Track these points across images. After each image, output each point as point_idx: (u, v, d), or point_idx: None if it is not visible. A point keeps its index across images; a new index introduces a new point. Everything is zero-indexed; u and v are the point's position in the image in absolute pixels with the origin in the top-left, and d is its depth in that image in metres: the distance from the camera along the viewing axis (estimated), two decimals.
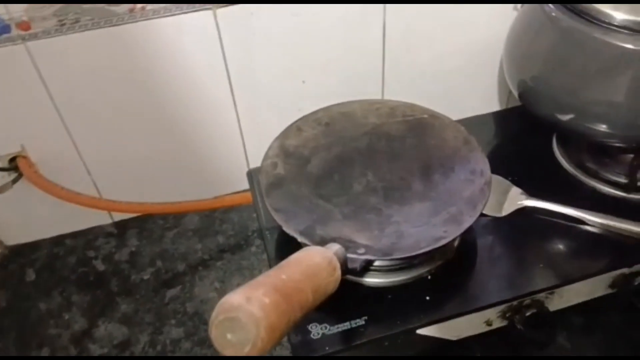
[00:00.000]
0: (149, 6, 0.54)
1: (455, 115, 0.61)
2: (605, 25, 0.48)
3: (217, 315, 0.28)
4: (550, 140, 0.63)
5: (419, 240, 0.47)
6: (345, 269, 0.42)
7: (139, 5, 0.54)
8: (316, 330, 0.46)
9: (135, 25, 0.55)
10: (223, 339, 0.28)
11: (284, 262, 0.33)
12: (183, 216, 0.73)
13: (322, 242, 0.47)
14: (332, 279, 0.34)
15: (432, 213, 0.50)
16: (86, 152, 0.65)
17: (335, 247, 0.40)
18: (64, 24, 0.53)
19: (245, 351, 0.27)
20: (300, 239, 0.47)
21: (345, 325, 0.47)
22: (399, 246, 0.47)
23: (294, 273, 0.31)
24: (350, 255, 0.44)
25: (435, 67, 0.69)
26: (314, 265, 0.33)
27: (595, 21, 0.49)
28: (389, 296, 0.49)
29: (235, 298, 0.28)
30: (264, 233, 0.57)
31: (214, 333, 0.28)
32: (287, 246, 0.50)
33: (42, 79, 0.57)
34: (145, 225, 0.73)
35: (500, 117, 0.68)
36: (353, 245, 0.47)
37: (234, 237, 0.71)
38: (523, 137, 0.65)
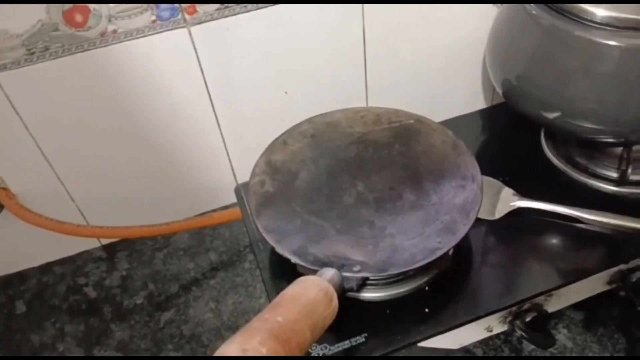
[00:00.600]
0: (121, 29, 0.52)
1: (440, 116, 0.60)
2: (587, 22, 0.47)
3: None
4: (539, 136, 0.62)
5: (414, 254, 0.46)
6: (342, 291, 0.41)
7: (109, 29, 0.52)
8: (316, 352, 0.46)
9: (108, 49, 0.53)
10: None
11: (278, 300, 0.32)
12: (172, 235, 0.72)
13: (316, 261, 0.46)
14: (329, 311, 0.34)
15: (426, 223, 0.49)
16: (68, 179, 0.63)
17: (330, 272, 0.39)
18: (33, 53, 0.51)
19: None
20: (293, 259, 0.46)
21: (346, 344, 0.46)
22: (394, 261, 0.46)
23: (291, 313, 0.30)
24: (345, 274, 0.43)
25: (417, 69, 0.68)
26: (311, 300, 0.32)
27: (576, 19, 0.48)
28: (388, 310, 0.48)
29: (230, 350, 0.27)
30: (254, 244, 0.56)
31: None
32: (281, 261, 0.49)
33: (16, 110, 0.55)
34: (134, 246, 0.72)
35: (487, 115, 0.68)
36: (348, 262, 0.46)
37: (225, 253, 0.69)
38: (511, 134, 0.64)
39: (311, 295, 0.33)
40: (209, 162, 0.69)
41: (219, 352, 0.27)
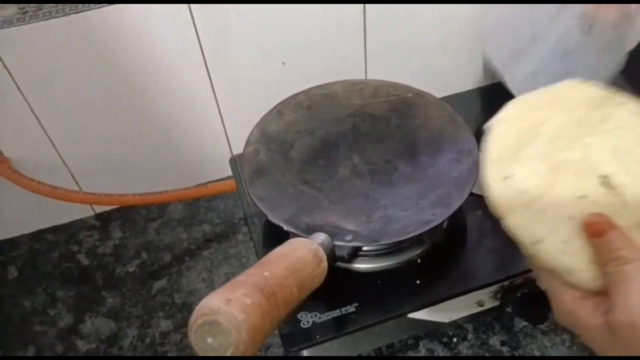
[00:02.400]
0: None
1: (440, 92, 0.59)
2: None
3: (195, 319, 0.26)
4: None
5: (407, 225, 0.46)
6: (333, 258, 0.41)
7: None
8: (306, 319, 0.46)
9: (103, 10, 0.52)
10: (204, 343, 0.26)
11: (266, 258, 0.32)
12: (167, 206, 0.72)
13: (309, 230, 0.46)
14: (318, 272, 0.33)
15: (420, 196, 0.49)
16: (62, 144, 0.63)
17: (321, 237, 0.38)
18: (26, 12, 0.51)
19: (228, 355, 0.26)
20: (286, 227, 0.46)
21: (336, 313, 0.46)
22: (386, 231, 0.46)
23: (278, 269, 0.30)
24: (337, 243, 0.43)
25: (418, 43, 0.66)
26: (299, 259, 0.32)
27: None
28: (379, 281, 0.48)
29: (214, 300, 0.26)
30: (249, 219, 0.55)
31: (193, 338, 0.27)
32: (275, 233, 0.48)
33: (9, 71, 0.54)
34: (128, 216, 0.71)
35: (487, 93, 0.67)
36: (340, 232, 0.46)
37: (220, 225, 0.69)
38: None
39: (300, 255, 0.32)
40: (204, 133, 0.68)
41: (203, 303, 0.27)
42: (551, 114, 0.33)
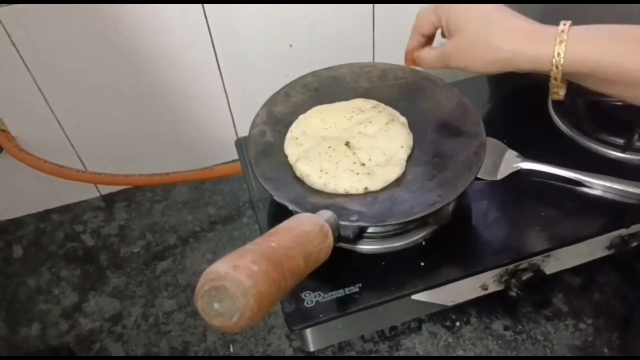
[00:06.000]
0: None
1: (449, 78, 0.59)
2: None
3: (202, 285, 0.27)
4: (546, 101, 0.61)
5: (413, 206, 0.46)
6: (338, 236, 0.41)
7: None
8: (310, 298, 0.46)
9: None
10: (210, 309, 0.26)
11: (273, 230, 0.32)
12: (172, 188, 0.72)
13: (314, 209, 0.45)
14: (324, 246, 0.33)
15: (426, 177, 0.49)
16: (68, 124, 0.63)
17: (327, 214, 0.38)
18: None
19: (234, 321, 0.26)
20: (291, 207, 0.46)
21: (340, 293, 0.46)
22: (392, 212, 0.46)
23: (284, 240, 0.30)
24: (342, 223, 0.43)
25: None
26: (305, 232, 0.32)
27: None
28: (383, 263, 0.48)
29: (221, 266, 0.26)
30: (255, 203, 0.55)
31: (200, 303, 0.27)
32: (280, 216, 0.48)
33: (17, 48, 0.54)
34: (133, 198, 0.71)
35: (495, 78, 0.66)
36: (346, 212, 0.46)
37: (224, 208, 0.69)
38: (518, 99, 0.63)
39: (306, 229, 0.32)
40: (211, 115, 0.68)
41: (210, 269, 0.27)
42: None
